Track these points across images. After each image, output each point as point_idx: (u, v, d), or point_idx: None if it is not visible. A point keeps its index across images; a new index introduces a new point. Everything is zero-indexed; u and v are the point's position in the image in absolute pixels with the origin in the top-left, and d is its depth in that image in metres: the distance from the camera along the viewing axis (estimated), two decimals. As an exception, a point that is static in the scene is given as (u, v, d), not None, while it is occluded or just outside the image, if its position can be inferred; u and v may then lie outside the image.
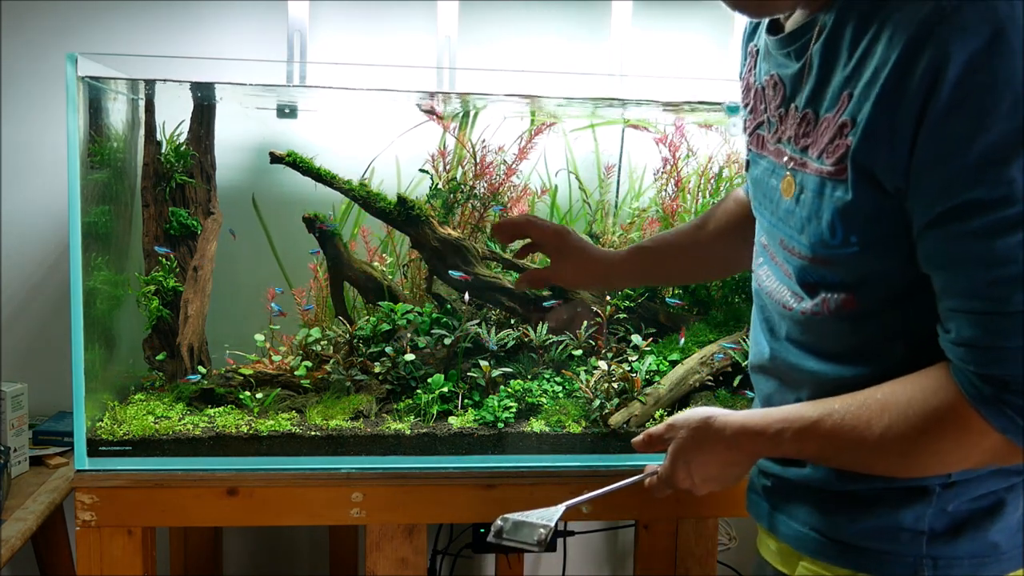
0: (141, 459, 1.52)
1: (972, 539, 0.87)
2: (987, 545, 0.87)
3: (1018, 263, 0.72)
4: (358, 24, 2.02)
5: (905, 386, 0.83)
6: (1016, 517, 0.88)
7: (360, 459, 1.56)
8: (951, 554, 0.87)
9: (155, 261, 1.72)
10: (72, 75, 1.44)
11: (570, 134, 1.94)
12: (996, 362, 0.75)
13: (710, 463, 1.00)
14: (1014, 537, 0.88)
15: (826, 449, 0.88)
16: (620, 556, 2.33)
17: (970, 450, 0.80)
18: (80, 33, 1.95)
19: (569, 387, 1.68)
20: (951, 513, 0.87)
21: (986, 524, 0.87)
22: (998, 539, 0.87)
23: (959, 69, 0.71)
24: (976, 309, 0.76)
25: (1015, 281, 0.73)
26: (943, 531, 0.88)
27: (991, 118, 0.71)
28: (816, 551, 0.95)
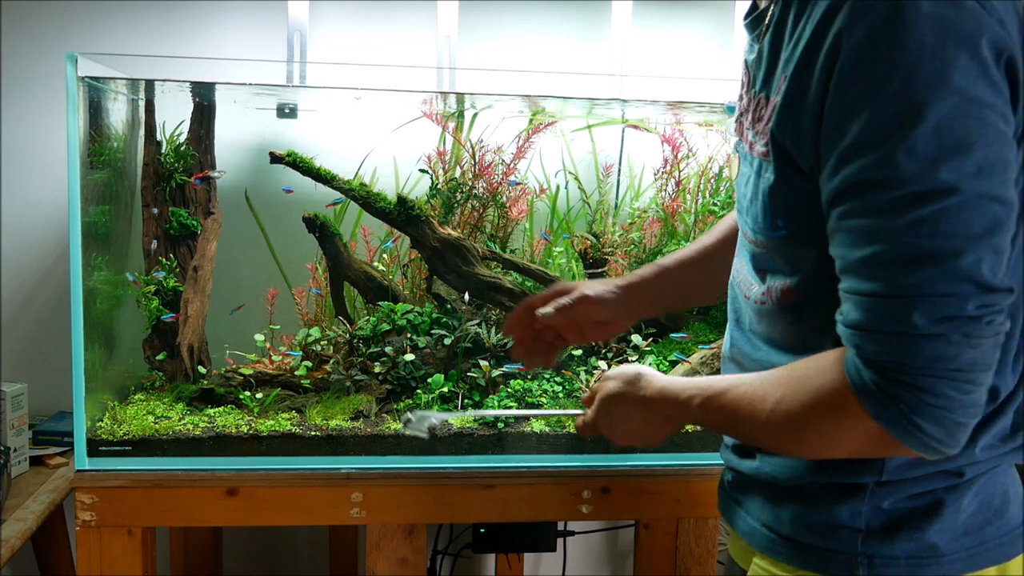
0: (141, 459, 1.52)
1: (909, 539, 0.85)
2: (925, 546, 0.85)
3: (901, 246, 0.71)
4: (358, 24, 2.02)
5: (807, 364, 0.81)
6: (959, 520, 0.85)
7: (360, 459, 1.56)
8: (888, 553, 0.85)
9: (155, 261, 1.72)
10: (72, 75, 1.44)
11: (570, 134, 1.94)
12: (876, 345, 0.73)
13: (630, 417, 1.01)
14: (958, 540, 0.85)
15: (726, 419, 0.88)
16: (620, 556, 2.33)
17: (847, 434, 0.77)
18: (80, 33, 1.95)
19: (569, 387, 1.68)
20: (887, 511, 0.86)
21: (924, 524, 0.85)
22: (937, 540, 0.85)
23: (856, 45, 0.71)
24: (863, 291, 0.74)
25: (898, 264, 0.71)
26: (879, 529, 0.86)
27: (880, 97, 0.70)
28: (765, 547, 0.94)
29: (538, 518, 1.59)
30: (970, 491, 0.85)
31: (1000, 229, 0.71)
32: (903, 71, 0.69)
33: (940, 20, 0.69)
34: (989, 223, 0.70)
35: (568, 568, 2.24)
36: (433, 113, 1.78)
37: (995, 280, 0.71)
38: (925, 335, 0.71)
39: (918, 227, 0.70)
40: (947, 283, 0.70)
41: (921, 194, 0.69)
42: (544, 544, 1.78)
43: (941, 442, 0.74)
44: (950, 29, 0.69)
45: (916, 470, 0.84)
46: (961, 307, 0.70)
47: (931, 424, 0.73)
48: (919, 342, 0.71)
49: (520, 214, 1.82)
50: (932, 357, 0.71)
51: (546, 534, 1.78)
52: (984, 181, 0.70)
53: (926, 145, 0.69)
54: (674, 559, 1.83)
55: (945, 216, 0.69)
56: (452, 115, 1.81)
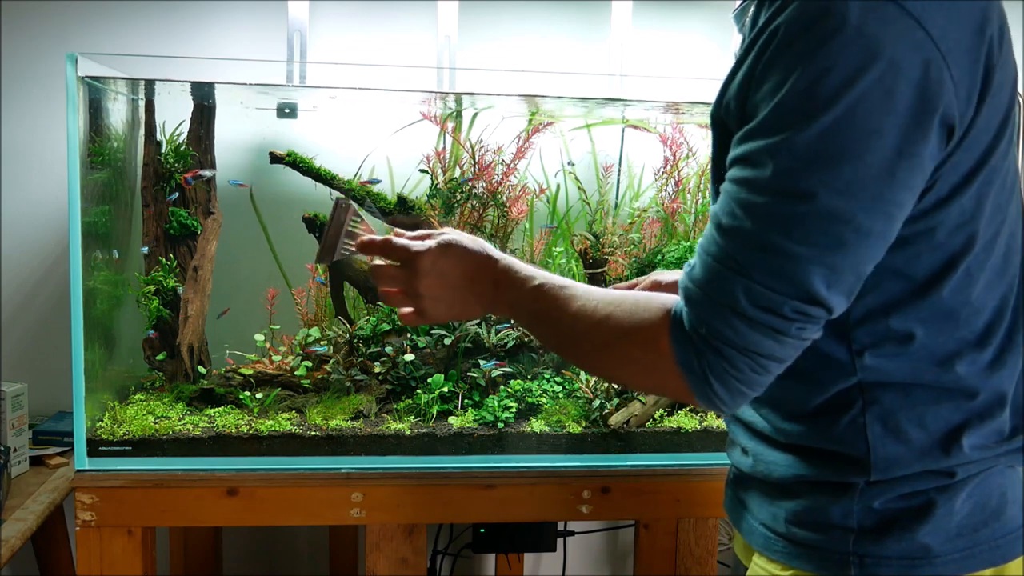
0: (141, 459, 1.52)
1: (900, 539, 0.85)
2: (917, 547, 0.84)
3: (753, 230, 0.74)
4: (358, 24, 2.02)
5: (642, 298, 0.86)
6: (953, 521, 0.85)
7: (360, 459, 1.56)
8: (879, 553, 0.85)
9: (155, 261, 1.72)
10: (72, 75, 1.44)
11: (570, 134, 1.94)
12: (702, 306, 0.78)
13: (455, 277, 0.97)
14: (952, 542, 0.85)
15: (552, 312, 0.90)
16: (620, 556, 2.33)
17: (648, 368, 0.83)
18: (80, 33, 1.95)
19: (569, 387, 1.68)
20: (878, 511, 0.86)
21: (915, 525, 0.85)
22: (929, 541, 0.84)
23: (783, 41, 0.72)
24: (711, 253, 0.78)
25: (745, 244, 0.75)
26: (871, 529, 0.86)
27: (787, 91, 0.72)
28: (762, 545, 0.94)
29: (538, 518, 1.59)
30: (963, 492, 0.85)
31: (843, 250, 0.73)
32: (811, 74, 0.70)
33: (864, 38, 0.69)
34: (833, 241, 0.73)
35: (568, 568, 2.24)
36: (432, 114, 1.78)
37: (821, 293, 0.74)
38: (743, 316, 0.75)
39: (770, 219, 0.73)
40: (775, 278, 0.74)
41: (782, 191, 0.72)
42: (544, 544, 1.78)
43: (724, 403, 0.80)
44: (870, 49, 0.69)
45: (905, 469, 0.85)
46: (780, 304, 0.74)
47: (721, 387, 0.78)
48: (736, 320, 0.76)
49: (520, 214, 1.82)
50: (740, 335, 0.76)
51: (546, 534, 1.78)
52: (844, 201, 0.71)
53: (804, 149, 0.71)
54: (674, 559, 1.83)
55: (794, 219, 0.72)
56: (451, 115, 1.81)
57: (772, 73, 0.73)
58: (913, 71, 0.70)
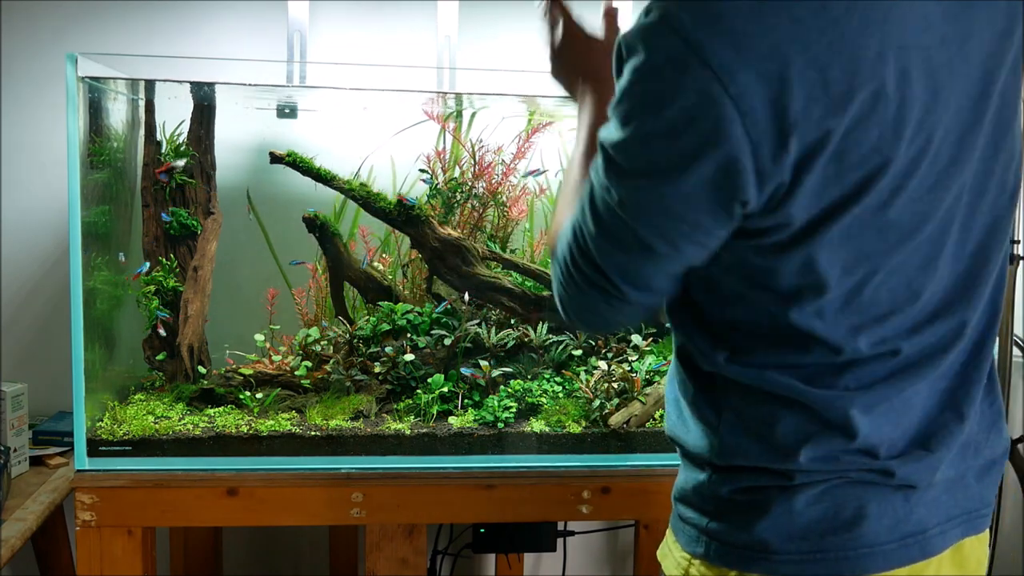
0: (141, 459, 1.52)
1: (741, 529, 0.87)
2: (755, 540, 0.86)
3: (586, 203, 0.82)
4: (358, 24, 2.02)
5: None
6: (796, 522, 0.85)
7: (360, 459, 1.56)
8: (724, 539, 0.88)
9: (155, 261, 1.72)
10: (72, 75, 1.44)
11: (570, 134, 1.94)
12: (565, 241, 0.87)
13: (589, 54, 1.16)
14: (793, 542, 0.85)
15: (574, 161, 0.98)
16: (620, 556, 2.33)
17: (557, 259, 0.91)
18: (80, 33, 1.95)
19: (569, 387, 1.68)
20: (726, 499, 0.88)
21: (753, 519, 0.86)
22: (767, 537, 0.85)
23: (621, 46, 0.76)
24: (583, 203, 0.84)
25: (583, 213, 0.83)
26: (720, 514, 0.89)
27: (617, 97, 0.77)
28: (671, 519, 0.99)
29: (538, 518, 1.59)
30: (803, 495, 0.85)
31: (626, 253, 0.81)
32: (624, 99, 0.75)
33: (651, 74, 0.72)
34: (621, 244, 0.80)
35: (568, 568, 2.24)
36: (433, 112, 1.78)
37: (614, 279, 0.83)
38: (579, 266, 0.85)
39: (591, 206, 0.82)
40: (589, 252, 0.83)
41: (599, 184, 0.80)
42: (544, 544, 1.78)
43: (566, 316, 0.90)
44: (656, 88, 0.72)
45: (745, 461, 0.87)
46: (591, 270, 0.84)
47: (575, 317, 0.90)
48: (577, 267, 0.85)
49: (520, 214, 1.82)
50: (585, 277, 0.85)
51: (546, 534, 1.78)
52: (631, 216, 0.78)
53: (612, 157, 0.78)
54: (674, 559, 1.82)
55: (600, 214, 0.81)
56: (452, 115, 1.81)
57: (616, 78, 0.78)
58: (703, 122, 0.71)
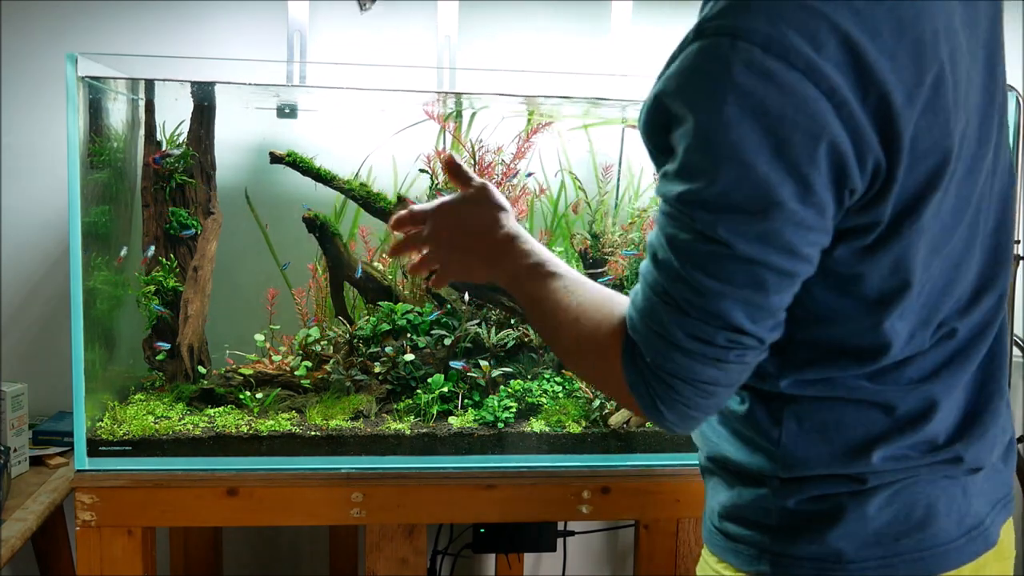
0: (141, 459, 1.52)
1: (812, 541, 0.84)
2: (829, 551, 0.84)
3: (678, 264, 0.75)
4: (358, 24, 2.02)
5: (609, 300, 0.87)
6: (869, 528, 0.84)
7: (360, 459, 1.56)
8: (793, 553, 0.85)
9: (155, 261, 1.72)
10: (72, 75, 1.44)
11: (570, 134, 1.94)
12: (641, 336, 0.79)
13: (469, 236, 1.01)
14: (868, 548, 0.83)
15: (537, 296, 0.93)
16: (620, 556, 2.33)
17: (605, 379, 0.84)
18: (80, 33, 1.95)
19: (569, 387, 1.68)
20: (792, 510, 0.86)
21: (825, 528, 0.84)
22: (842, 546, 0.83)
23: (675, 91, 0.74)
24: (648, 281, 0.79)
25: (672, 278, 0.76)
26: (785, 527, 0.86)
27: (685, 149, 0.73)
28: (706, 538, 0.96)
29: (538, 518, 1.59)
30: (876, 499, 0.84)
31: (763, 289, 0.74)
32: (703, 132, 0.71)
33: (746, 95, 0.69)
34: (752, 281, 0.73)
35: (568, 568, 2.24)
36: (433, 112, 1.78)
37: (747, 326, 0.75)
38: (679, 347, 0.76)
39: (692, 258, 0.74)
40: (701, 312, 0.74)
41: (702, 235, 0.73)
42: (544, 544, 1.78)
43: (675, 424, 0.81)
44: (753, 105, 0.69)
45: (813, 470, 0.84)
46: (712, 335, 0.75)
47: (670, 412, 0.79)
48: (673, 350, 0.76)
49: (520, 214, 1.82)
50: (682, 366, 0.77)
51: (546, 534, 1.78)
52: (759, 248, 0.72)
53: (712, 203, 0.72)
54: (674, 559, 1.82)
55: (714, 261, 0.73)
56: (452, 115, 1.81)
57: (678, 112, 0.74)
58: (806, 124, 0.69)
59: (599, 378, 0.86)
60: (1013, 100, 1.72)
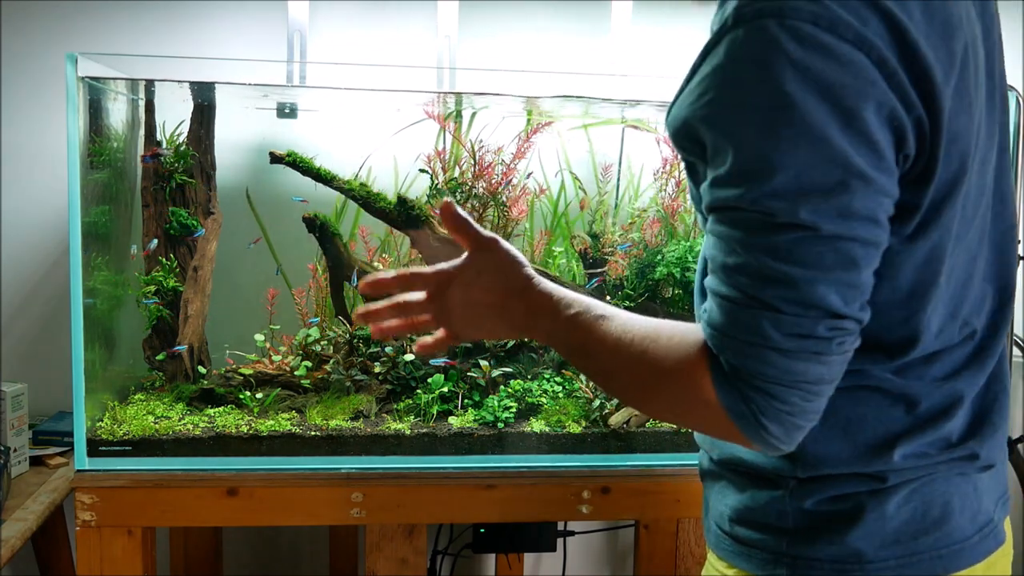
0: (141, 459, 1.52)
1: (831, 542, 0.83)
2: (849, 551, 0.83)
3: (760, 264, 0.72)
4: (358, 24, 2.02)
5: (678, 331, 0.82)
6: (888, 527, 0.83)
7: (360, 459, 1.56)
8: (810, 555, 0.84)
9: (155, 261, 1.72)
10: (72, 75, 1.44)
11: (569, 134, 1.94)
12: (732, 350, 0.75)
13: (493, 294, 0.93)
14: (888, 548, 0.83)
15: (588, 343, 0.87)
16: (620, 556, 2.33)
17: (693, 411, 0.79)
18: (80, 33, 1.95)
19: (569, 387, 1.68)
20: (809, 511, 0.85)
21: (845, 528, 0.83)
22: (861, 546, 0.83)
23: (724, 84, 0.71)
24: (724, 294, 0.75)
25: (755, 278, 0.73)
26: (802, 529, 0.85)
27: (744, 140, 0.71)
28: (713, 543, 0.94)
29: (538, 518, 1.59)
30: (895, 497, 0.84)
31: (854, 265, 0.72)
32: (765, 117, 0.69)
33: (805, 70, 0.68)
34: (843, 259, 0.72)
35: (568, 568, 2.24)
36: (433, 112, 1.78)
37: (845, 308, 0.73)
38: (777, 348, 0.73)
39: (774, 252, 0.72)
40: (797, 305, 0.72)
41: (781, 225, 0.71)
42: (544, 544, 1.78)
43: (780, 440, 0.77)
44: (814, 79, 0.68)
45: (833, 469, 0.84)
46: (812, 327, 0.72)
47: (775, 424, 0.75)
48: (771, 354, 0.73)
49: (520, 214, 1.82)
50: (783, 369, 0.73)
51: (546, 534, 1.78)
52: (844, 223, 0.71)
53: (787, 190, 0.70)
54: (674, 559, 1.82)
55: (800, 247, 0.71)
56: (452, 115, 1.81)
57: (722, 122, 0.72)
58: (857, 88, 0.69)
59: (684, 410, 0.81)
60: (1013, 100, 1.72)
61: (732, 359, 0.75)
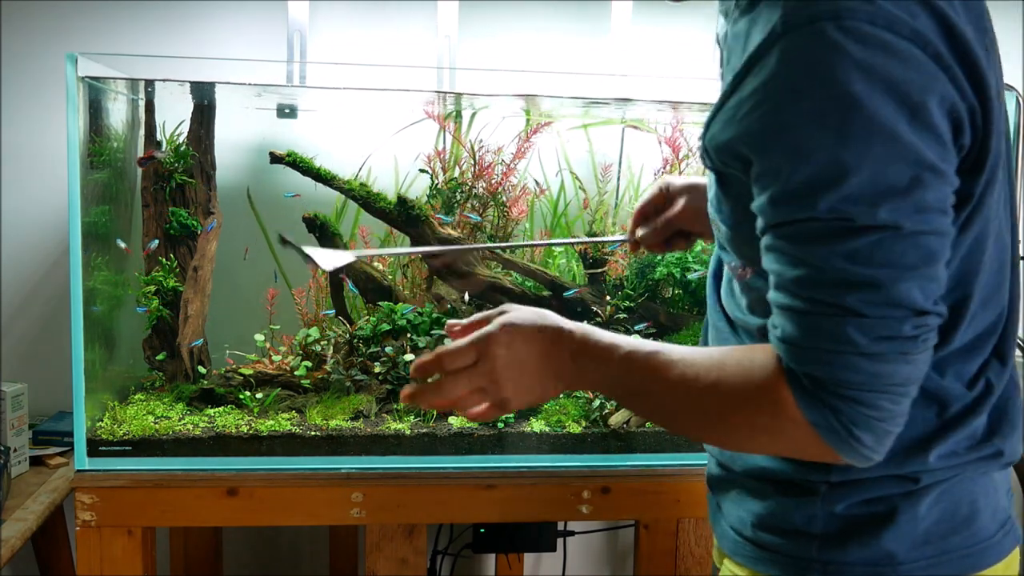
0: (141, 459, 1.52)
1: (864, 545, 0.83)
2: (882, 553, 0.83)
3: (837, 271, 0.72)
4: (358, 24, 2.02)
5: (748, 354, 0.80)
6: (919, 528, 0.83)
7: (360, 459, 1.56)
8: (843, 559, 0.84)
9: (155, 261, 1.72)
10: (72, 75, 1.44)
11: (570, 134, 1.94)
12: (814, 362, 0.74)
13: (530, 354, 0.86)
14: (918, 549, 0.83)
15: (647, 382, 0.83)
16: (620, 556, 2.33)
17: (778, 434, 0.78)
18: (80, 33, 1.95)
19: (569, 387, 1.68)
20: (841, 515, 0.84)
21: (878, 531, 0.83)
22: (894, 548, 0.83)
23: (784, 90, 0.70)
24: (798, 308, 0.74)
25: (833, 286, 0.72)
26: (834, 534, 0.85)
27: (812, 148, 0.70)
28: (731, 549, 0.93)
29: (538, 518, 1.59)
30: (927, 498, 0.84)
31: (934, 259, 0.73)
32: (833, 121, 0.69)
33: (869, 69, 0.68)
34: (924, 254, 0.72)
35: (568, 568, 2.24)
36: (434, 112, 1.78)
37: (927, 304, 0.73)
38: (864, 353, 0.72)
39: (853, 257, 0.71)
40: (883, 307, 0.72)
41: (860, 228, 0.71)
42: (544, 544, 1.78)
43: (872, 450, 0.76)
44: (879, 78, 0.68)
45: (867, 472, 0.83)
46: (898, 328, 0.72)
47: (867, 434, 0.75)
48: (858, 359, 0.73)
49: (520, 214, 1.82)
50: (871, 374, 0.73)
51: (546, 534, 1.78)
52: (922, 218, 0.71)
53: (863, 192, 0.70)
54: (674, 559, 1.82)
55: (881, 248, 0.71)
56: (451, 115, 1.81)
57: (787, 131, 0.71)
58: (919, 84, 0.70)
59: (769, 437, 0.78)
60: (1013, 100, 1.72)
61: (815, 371, 0.74)
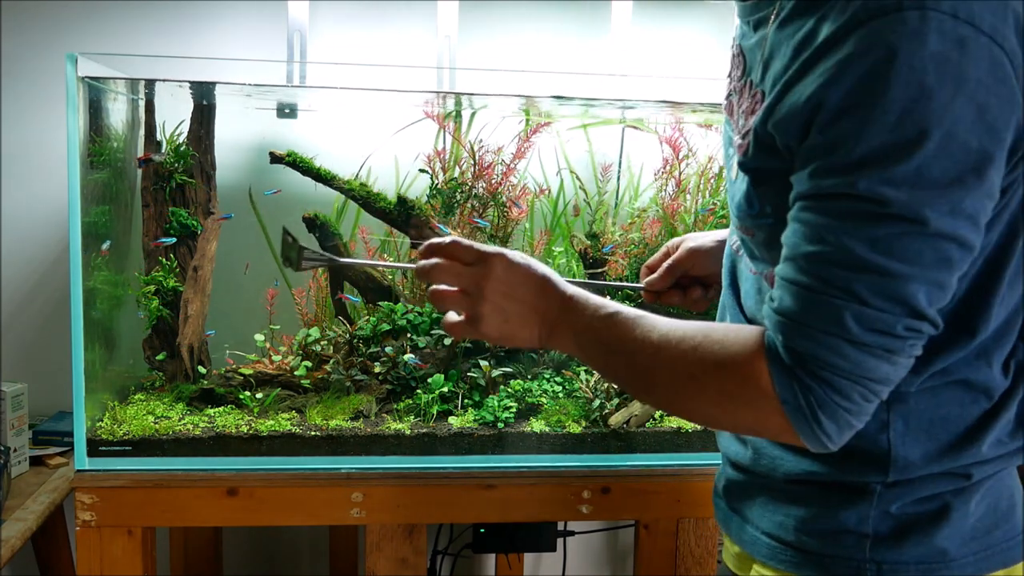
0: (141, 459, 1.52)
1: (918, 544, 0.84)
2: (935, 551, 0.84)
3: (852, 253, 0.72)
4: (358, 24, 2.02)
5: (730, 328, 0.82)
6: (968, 524, 0.84)
7: (360, 459, 1.56)
8: (896, 559, 0.84)
9: (155, 261, 1.72)
10: (72, 75, 1.44)
11: (569, 134, 1.94)
12: (804, 338, 0.75)
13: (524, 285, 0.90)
14: (967, 544, 0.84)
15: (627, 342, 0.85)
16: (620, 556, 2.33)
17: (744, 405, 0.79)
18: (80, 33, 1.95)
19: (569, 387, 1.68)
20: (895, 515, 0.85)
21: (933, 529, 0.84)
22: (947, 546, 0.84)
23: (857, 77, 0.71)
24: (801, 283, 0.75)
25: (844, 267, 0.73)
26: (887, 534, 0.85)
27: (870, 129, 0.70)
28: (767, 555, 0.93)
29: (538, 518, 1.59)
30: (977, 494, 0.85)
31: (949, 266, 0.73)
32: (899, 108, 0.69)
33: (944, 62, 0.68)
34: (941, 258, 0.72)
35: (568, 568, 2.24)
36: (433, 112, 1.78)
37: (928, 309, 0.74)
38: (854, 341, 0.73)
39: (874, 242, 0.72)
40: (885, 299, 0.72)
41: (888, 216, 0.71)
42: (544, 544, 1.78)
43: (830, 438, 0.77)
44: (953, 73, 0.68)
45: (923, 470, 0.83)
46: (893, 324, 0.73)
47: (830, 421, 0.76)
48: (846, 346, 0.73)
49: (520, 214, 1.82)
50: (854, 362, 0.74)
51: (546, 534, 1.78)
52: (951, 221, 0.71)
53: (905, 179, 0.70)
54: (674, 559, 1.82)
55: (901, 241, 0.71)
56: (451, 115, 1.81)
57: (849, 114, 0.71)
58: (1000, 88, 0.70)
59: (732, 406, 0.80)
60: None
61: (800, 346, 0.75)
